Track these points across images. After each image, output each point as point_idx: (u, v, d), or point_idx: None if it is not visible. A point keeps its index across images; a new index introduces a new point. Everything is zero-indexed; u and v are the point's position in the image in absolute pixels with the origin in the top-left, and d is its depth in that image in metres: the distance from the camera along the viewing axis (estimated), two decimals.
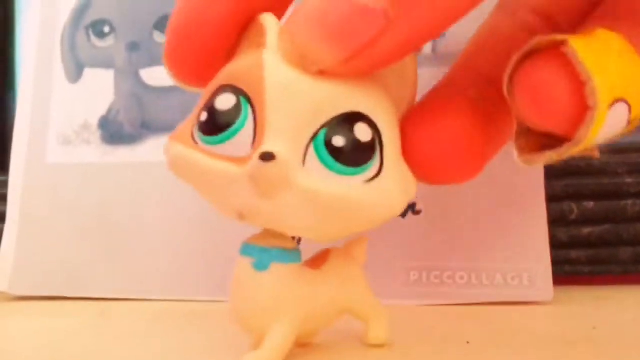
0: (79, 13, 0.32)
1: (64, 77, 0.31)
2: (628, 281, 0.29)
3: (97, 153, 0.30)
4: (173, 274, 0.28)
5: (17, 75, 0.34)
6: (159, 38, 0.30)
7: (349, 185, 0.14)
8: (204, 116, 0.15)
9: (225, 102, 0.14)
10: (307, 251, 0.17)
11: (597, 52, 0.14)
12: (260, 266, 0.15)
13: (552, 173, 0.27)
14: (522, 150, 0.16)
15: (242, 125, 0.14)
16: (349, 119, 0.14)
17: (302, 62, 0.14)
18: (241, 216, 0.14)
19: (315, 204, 0.14)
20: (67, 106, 0.31)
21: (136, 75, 0.30)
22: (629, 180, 0.29)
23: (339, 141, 0.14)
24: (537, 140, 0.16)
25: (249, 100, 0.14)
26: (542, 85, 0.14)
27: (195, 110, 0.15)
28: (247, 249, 0.16)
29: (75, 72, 0.31)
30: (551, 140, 0.15)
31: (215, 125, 0.14)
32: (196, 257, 0.28)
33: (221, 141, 0.14)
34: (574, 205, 0.29)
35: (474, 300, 0.25)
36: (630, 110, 0.15)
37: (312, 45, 0.14)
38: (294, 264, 0.16)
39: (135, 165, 0.30)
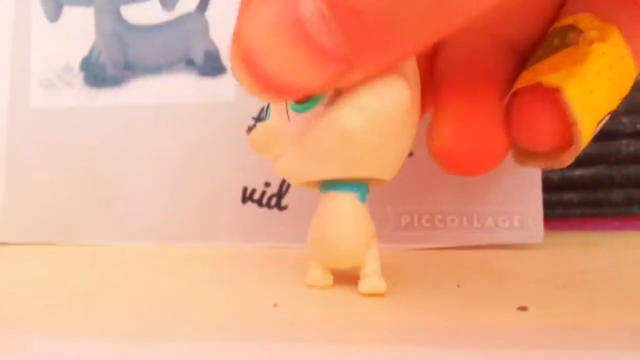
0: None
1: (43, 15, 0.30)
2: (619, 225, 0.29)
3: (81, 97, 0.29)
4: (161, 218, 0.28)
5: None
6: None
7: (319, 113, 0.15)
8: None
9: None
10: None
11: (585, 95, 0.16)
12: (363, 198, 0.17)
13: None
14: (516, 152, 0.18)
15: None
16: None
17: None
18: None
19: (304, 144, 0.15)
20: (48, 47, 0.30)
21: (117, 13, 0.29)
22: (624, 120, 0.28)
23: None
24: None
25: None
26: (536, 124, 0.17)
27: None
28: (345, 185, 0.16)
29: (54, 10, 0.30)
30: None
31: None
32: (184, 200, 0.28)
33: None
34: None
35: (465, 243, 0.25)
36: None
37: (272, 78, 0.14)
38: None
39: (120, 109, 0.29)
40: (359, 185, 0.17)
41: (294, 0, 0.13)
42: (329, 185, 0.17)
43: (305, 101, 0.15)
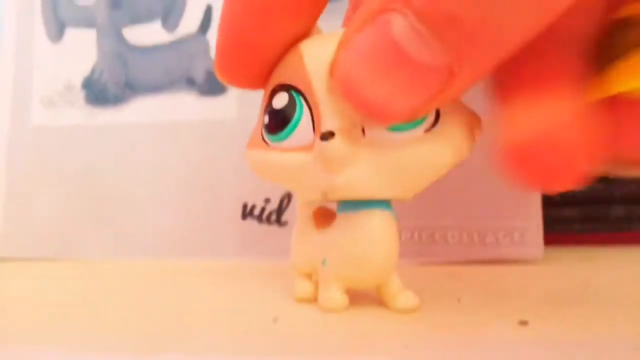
0: None
1: (46, 36, 0.31)
2: (619, 240, 0.29)
3: (82, 115, 0.30)
4: (162, 234, 0.28)
5: None
6: None
7: (411, 138, 0.15)
8: (266, 119, 0.16)
9: (280, 100, 0.16)
10: None
11: None
12: (396, 218, 0.16)
13: None
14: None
15: (300, 116, 0.15)
16: None
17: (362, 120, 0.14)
18: (325, 195, 0.15)
19: (384, 163, 0.15)
20: (50, 67, 0.30)
21: (118, 34, 0.30)
22: None
23: None
24: None
25: (299, 92, 0.15)
26: None
27: (260, 115, 0.17)
28: (386, 204, 0.16)
29: (57, 31, 0.30)
30: None
31: (278, 122, 0.16)
32: (185, 217, 0.28)
33: (287, 135, 0.15)
34: None
35: (465, 259, 0.25)
36: None
37: (375, 104, 0.14)
38: None
39: (120, 127, 0.29)
40: (390, 203, 0.16)
41: (385, 22, 0.13)
42: (368, 203, 0.16)
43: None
